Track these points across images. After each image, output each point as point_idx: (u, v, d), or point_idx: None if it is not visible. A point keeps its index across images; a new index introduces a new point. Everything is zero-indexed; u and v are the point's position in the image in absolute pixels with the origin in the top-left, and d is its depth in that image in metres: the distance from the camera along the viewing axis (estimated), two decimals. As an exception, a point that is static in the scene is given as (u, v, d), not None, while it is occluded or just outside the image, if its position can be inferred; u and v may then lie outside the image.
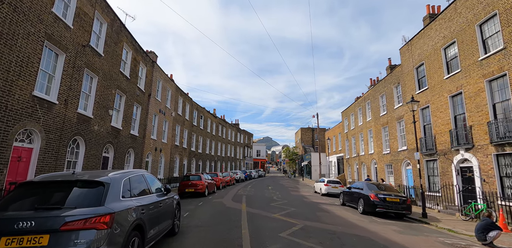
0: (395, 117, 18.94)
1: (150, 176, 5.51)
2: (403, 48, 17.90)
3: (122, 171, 4.43)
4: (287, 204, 13.41)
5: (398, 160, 18.49)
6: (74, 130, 10.19)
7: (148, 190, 5.00)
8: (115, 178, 3.95)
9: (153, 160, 19.03)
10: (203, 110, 33.20)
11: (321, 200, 16.52)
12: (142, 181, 4.89)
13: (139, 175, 4.87)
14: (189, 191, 15.87)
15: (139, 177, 4.85)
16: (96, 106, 11.78)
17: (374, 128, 22.65)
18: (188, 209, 10.96)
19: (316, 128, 56.30)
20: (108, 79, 12.71)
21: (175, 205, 6.63)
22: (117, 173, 4.21)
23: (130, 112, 15.44)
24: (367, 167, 24.29)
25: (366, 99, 24.76)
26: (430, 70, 14.97)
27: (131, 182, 4.37)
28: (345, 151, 31.42)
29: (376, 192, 11.46)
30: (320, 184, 20.86)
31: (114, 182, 3.82)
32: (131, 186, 4.29)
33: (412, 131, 16.72)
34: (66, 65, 9.58)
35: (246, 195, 17.44)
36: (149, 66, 18.11)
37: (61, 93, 9.40)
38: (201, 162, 31.75)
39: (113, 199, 3.60)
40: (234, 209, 11.02)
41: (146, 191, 4.90)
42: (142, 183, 4.85)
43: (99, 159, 12.13)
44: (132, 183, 4.40)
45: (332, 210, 12.19)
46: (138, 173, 4.90)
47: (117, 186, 3.85)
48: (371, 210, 11.16)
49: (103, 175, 3.92)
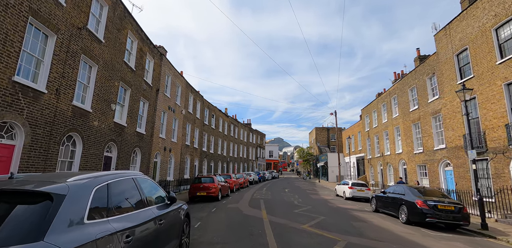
0: (430, 112, 16.88)
1: (146, 180, 3.91)
2: (439, 34, 15.85)
3: (96, 174, 2.82)
4: (312, 210, 11.66)
5: (434, 160, 16.41)
6: (68, 125, 8.79)
7: (142, 201, 3.40)
8: (77, 186, 2.35)
9: (162, 161, 17.63)
10: (215, 108, 31.76)
11: (348, 205, 14.67)
12: (132, 188, 3.29)
13: (126, 179, 3.25)
14: (201, 195, 14.32)
15: (127, 183, 3.24)
16: (96, 99, 10.39)
17: (402, 125, 20.56)
18: (199, 217, 9.37)
19: (331, 128, 54.10)
20: (110, 69, 11.32)
21: (183, 217, 5.03)
22: (85, 177, 2.60)
23: (136, 107, 14.05)
24: (393, 168, 22.18)
25: (392, 93, 22.68)
26: (476, 56, 12.92)
27: (111, 192, 2.77)
28: (366, 151, 29.29)
29: (423, 198, 9.56)
30: (344, 187, 18.96)
31: (73, 193, 2.23)
32: (110, 199, 2.70)
33: (452, 127, 14.66)
34: (57, 49, 8.19)
35: (264, 199, 15.75)
36: (157, 58, 16.73)
37: (52, 81, 8.00)
38: (213, 163, 30.28)
39: (67, 225, 2.01)
40: (254, 218, 9.36)
41: (138, 203, 3.29)
42: (131, 191, 3.26)
43: (100, 159, 10.73)
44: (113, 192, 2.81)
45: (368, 218, 10.35)
46: (125, 176, 3.27)
47: (79, 200, 2.26)
48: (419, 219, 9.28)
49: (57, 181, 2.33)
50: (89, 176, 2.67)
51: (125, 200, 3.03)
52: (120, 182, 3.06)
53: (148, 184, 3.91)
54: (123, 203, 2.93)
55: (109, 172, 3.08)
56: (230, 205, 12.96)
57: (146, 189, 3.65)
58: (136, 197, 3.30)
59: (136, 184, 3.43)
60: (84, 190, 2.38)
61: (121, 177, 3.14)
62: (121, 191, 3.02)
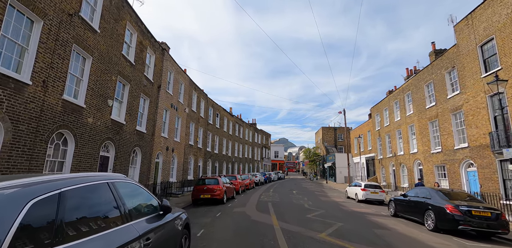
0: (449, 108, 15.75)
1: (129, 184, 2.97)
2: (460, 25, 14.74)
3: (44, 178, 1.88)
4: (326, 215, 10.66)
5: (454, 160, 15.28)
6: (58, 121, 7.95)
7: (121, 216, 2.46)
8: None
9: (164, 161, 16.77)
10: (219, 107, 30.89)
11: (362, 209, 13.63)
12: (104, 197, 2.35)
13: (96, 185, 2.29)
14: (205, 198, 13.39)
15: (98, 190, 2.30)
16: (91, 93, 9.55)
17: (417, 123, 19.43)
18: (203, 224, 8.45)
19: (338, 128, 52.88)
20: (107, 62, 10.48)
21: (181, 229, 4.11)
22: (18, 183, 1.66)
23: (136, 104, 13.20)
24: (407, 168, 21.03)
25: (405, 90, 21.55)
26: (504, 46, 11.82)
27: (66, 205, 1.84)
28: (377, 151, 28.14)
29: (454, 202, 8.51)
30: (356, 189, 17.89)
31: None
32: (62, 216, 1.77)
33: (476, 124, 13.53)
34: (44, 36, 7.35)
35: (272, 202, 14.78)
36: (158, 53, 15.90)
37: (38, 72, 7.16)
38: (218, 163, 29.39)
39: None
40: (264, 225, 8.40)
41: (114, 219, 2.36)
42: (103, 202, 2.33)
43: (95, 159, 9.88)
44: (70, 206, 1.88)
45: (389, 225, 9.33)
46: (95, 180, 2.32)
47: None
48: (449, 227, 8.23)
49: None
50: (28, 181, 1.74)
51: (91, 215, 2.11)
52: (85, 190, 2.13)
53: (132, 190, 2.98)
54: (86, 220, 2.01)
55: (70, 175, 2.15)
56: (236, 208, 12.03)
57: (128, 198, 2.71)
58: (110, 210, 2.37)
59: (113, 192, 2.49)
60: (6, 206, 1.46)
61: (88, 183, 2.21)
62: (84, 202, 2.10)
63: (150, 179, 14.82)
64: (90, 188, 2.21)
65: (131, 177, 13.17)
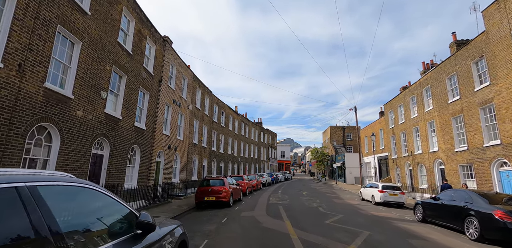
0: (476, 102, 14.33)
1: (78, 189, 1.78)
2: (489, 9, 13.33)
3: None
4: (346, 221, 9.39)
5: (483, 159, 13.85)
6: (39, 112, 6.85)
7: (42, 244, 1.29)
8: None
9: (166, 161, 15.65)
10: (225, 105, 29.73)
11: (383, 213, 12.33)
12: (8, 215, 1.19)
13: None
14: (209, 200, 12.21)
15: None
16: (80, 83, 8.45)
17: (438, 119, 18.00)
18: (206, 232, 7.26)
19: (347, 127, 51.34)
20: (100, 49, 9.39)
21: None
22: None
23: (134, 98, 12.11)
24: (426, 168, 19.58)
25: (423, 84, 20.11)
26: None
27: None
28: (391, 150, 26.68)
29: (503, 207, 7.18)
30: (372, 190, 16.56)
31: None
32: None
33: (511, 119, 12.11)
34: (20, 12, 6.25)
35: (282, 204, 13.54)
36: (159, 44, 14.80)
37: (11, 53, 6.06)
38: (223, 163, 28.23)
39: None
40: (278, 233, 7.17)
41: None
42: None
43: (86, 157, 8.77)
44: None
45: (423, 234, 8.02)
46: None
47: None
48: (499, 237, 6.91)
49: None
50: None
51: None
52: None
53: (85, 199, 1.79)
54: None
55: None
56: (244, 213, 10.82)
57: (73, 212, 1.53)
58: (15, 233, 1.19)
59: (26, 203, 1.31)
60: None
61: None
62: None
63: (151, 179, 13.71)
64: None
65: (129, 177, 12.05)
